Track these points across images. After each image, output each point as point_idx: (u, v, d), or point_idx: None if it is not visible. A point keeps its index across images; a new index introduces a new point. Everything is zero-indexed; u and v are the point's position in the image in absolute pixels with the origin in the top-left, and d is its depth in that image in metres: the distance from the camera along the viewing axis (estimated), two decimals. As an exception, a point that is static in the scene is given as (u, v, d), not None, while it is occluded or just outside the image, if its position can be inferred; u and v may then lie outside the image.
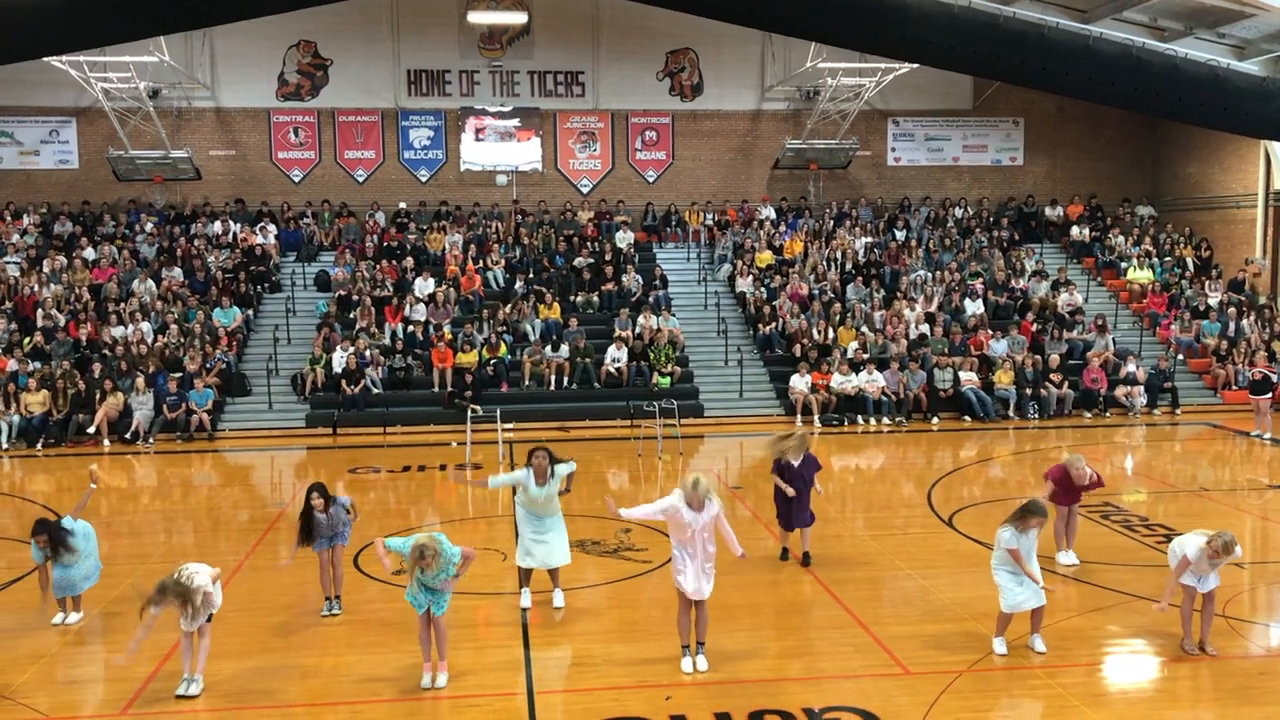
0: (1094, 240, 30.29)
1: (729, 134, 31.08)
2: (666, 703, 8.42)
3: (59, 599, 10.45)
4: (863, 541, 13.35)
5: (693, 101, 30.80)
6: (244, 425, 22.45)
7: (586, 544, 13.00)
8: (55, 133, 28.95)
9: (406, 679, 8.93)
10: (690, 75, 30.69)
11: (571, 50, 30.07)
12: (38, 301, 24.50)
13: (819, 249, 28.65)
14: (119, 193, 28.91)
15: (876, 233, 29.81)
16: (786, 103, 30.85)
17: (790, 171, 30.89)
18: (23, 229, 27.60)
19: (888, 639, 9.76)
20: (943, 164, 31.97)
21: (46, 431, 21.04)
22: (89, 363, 22.53)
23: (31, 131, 28.88)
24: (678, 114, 30.81)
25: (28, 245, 26.97)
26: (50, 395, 21.46)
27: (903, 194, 31.58)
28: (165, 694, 8.68)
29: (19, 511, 15.74)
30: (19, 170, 28.89)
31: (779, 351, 25.02)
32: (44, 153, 29.00)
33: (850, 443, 21.20)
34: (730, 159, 31.16)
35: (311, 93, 29.59)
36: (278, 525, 14.57)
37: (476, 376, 23.05)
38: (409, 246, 27.85)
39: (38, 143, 28.94)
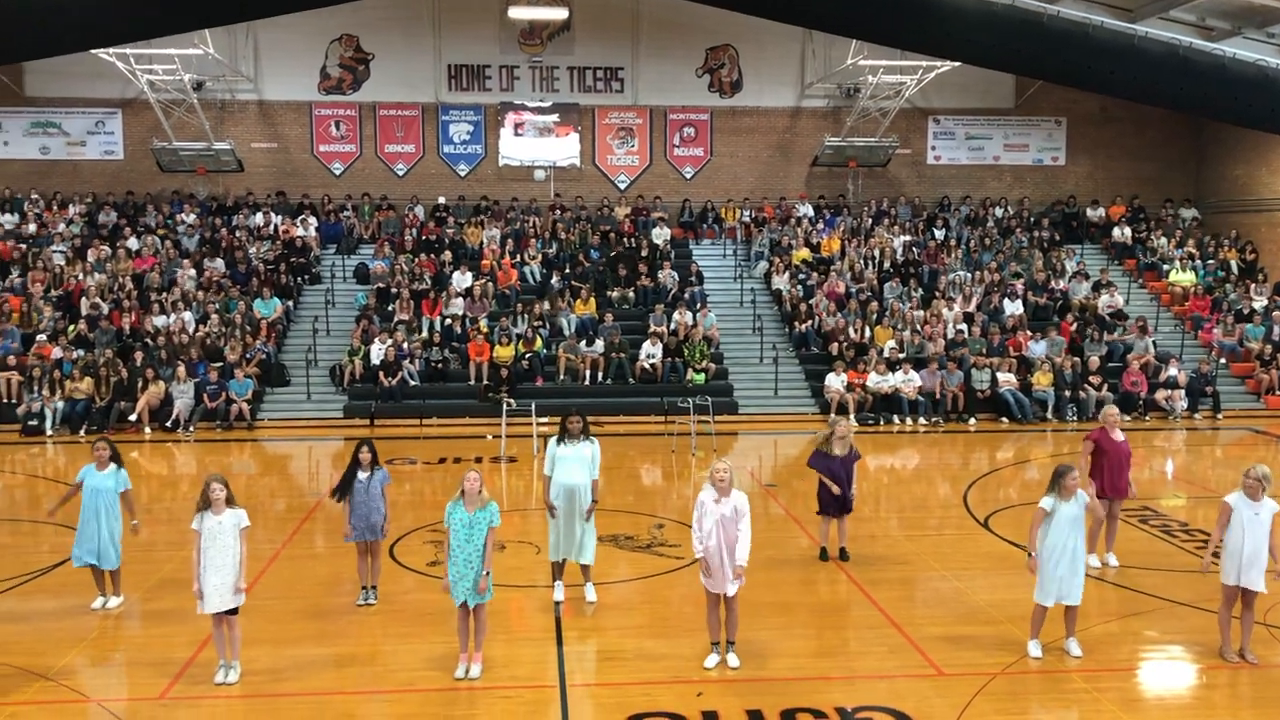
0: (1136, 242, 29.95)
1: (767, 131, 30.99)
2: (698, 699, 8.43)
3: (97, 581, 10.60)
4: (897, 542, 13.29)
5: (732, 98, 30.74)
6: (282, 415, 22.67)
7: (620, 539, 13.03)
8: (101, 124, 29.36)
9: (441, 669, 9.00)
10: (730, 72, 30.63)
11: (611, 46, 30.10)
12: (83, 290, 24.85)
13: (857, 247, 28.51)
14: (162, 184, 29.27)
15: (915, 231, 29.62)
16: (826, 100, 30.72)
17: (829, 169, 30.77)
18: (69, 218, 28.01)
19: (921, 640, 9.71)
20: (983, 163, 31.72)
21: (89, 418, 21.35)
22: (131, 351, 22.83)
23: (78, 123, 29.31)
24: (716, 110, 30.76)
25: (73, 235, 27.37)
26: (94, 382, 21.78)
27: (942, 193, 31.36)
28: (203, 679, 8.80)
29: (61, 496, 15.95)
30: (66, 160, 29.33)
31: (814, 350, 24.94)
32: (90, 144, 29.42)
33: (885, 442, 21.10)
34: (768, 156, 31.07)
35: (353, 86, 29.81)
36: (314, 515, 14.72)
37: (512, 370, 23.15)
38: (447, 240, 28.00)
39: (84, 134, 29.37)
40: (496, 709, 8.35)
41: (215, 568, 8.61)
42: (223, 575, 8.63)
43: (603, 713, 8.31)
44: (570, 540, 10.56)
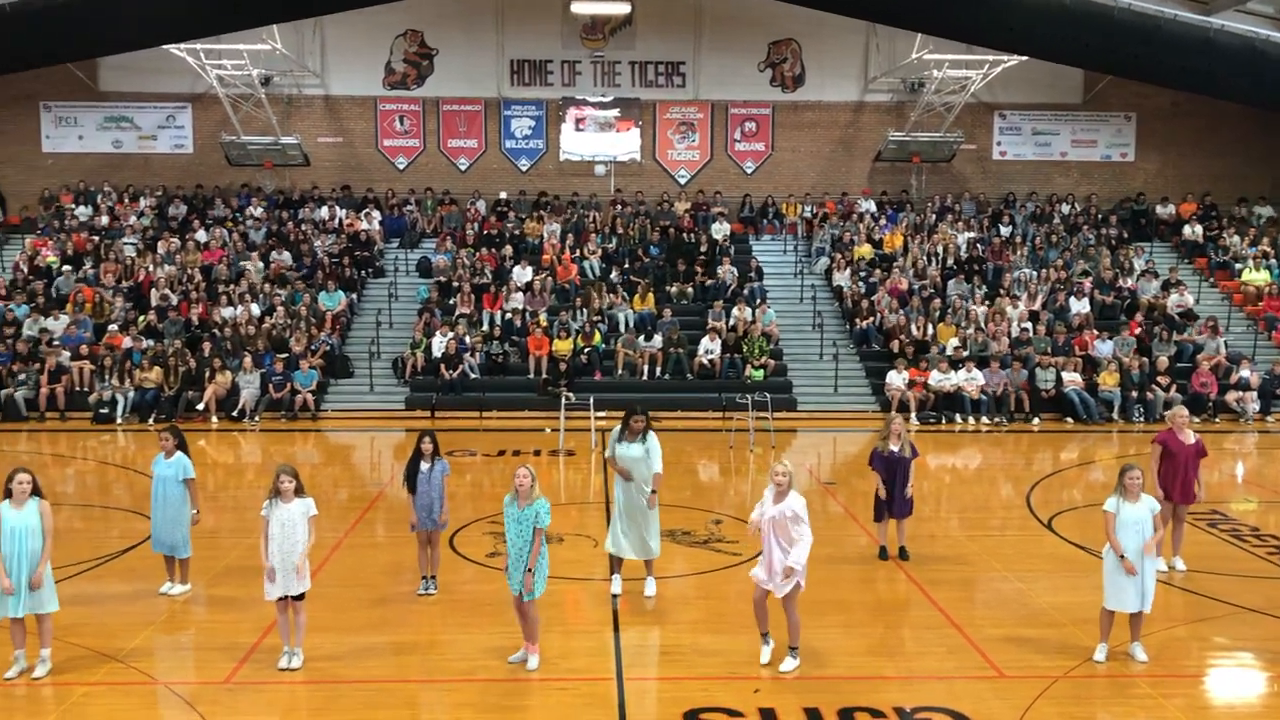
0: (1207, 240, 29.29)
1: (830, 125, 30.75)
2: (755, 695, 8.41)
3: (168, 567, 10.84)
4: (958, 542, 13.14)
5: (794, 92, 30.55)
6: (346, 406, 22.97)
7: (677, 534, 13.02)
8: (172, 118, 29.93)
9: (499, 659, 9.07)
10: (792, 66, 30.45)
11: (673, 41, 30.06)
12: (153, 281, 25.37)
13: (920, 243, 28.21)
14: (230, 177, 29.77)
15: (979, 228, 29.23)
16: (890, 94, 30.42)
17: (892, 164, 30.46)
18: (140, 211, 28.61)
19: (982, 641, 9.60)
20: (1050, 159, 31.20)
21: (158, 407, 21.81)
22: (199, 342, 23.27)
23: (150, 117, 29.90)
24: (778, 105, 30.60)
25: (144, 227, 27.95)
26: (163, 372, 22.23)
27: (1008, 189, 30.91)
28: (266, 664, 8.95)
29: (131, 484, 16.35)
30: (138, 154, 29.95)
31: (876, 347, 24.73)
32: (161, 137, 30.01)
33: (947, 441, 20.87)
34: (830, 151, 30.84)
35: (417, 82, 30.09)
36: (376, 505, 14.90)
37: (571, 364, 23.24)
38: (508, 235, 28.17)
39: (155, 128, 29.96)
40: (553, 700, 8.40)
41: (284, 554, 8.79)
42: (289, 561, 8.80)
43: (659, 707, 8.32)
44: (632, 537, 10.59)
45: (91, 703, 8.32)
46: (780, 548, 8.75)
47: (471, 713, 8.15)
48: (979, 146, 30.93)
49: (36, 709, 8.19)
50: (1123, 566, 8.88)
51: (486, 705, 8.28)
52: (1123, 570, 8.88)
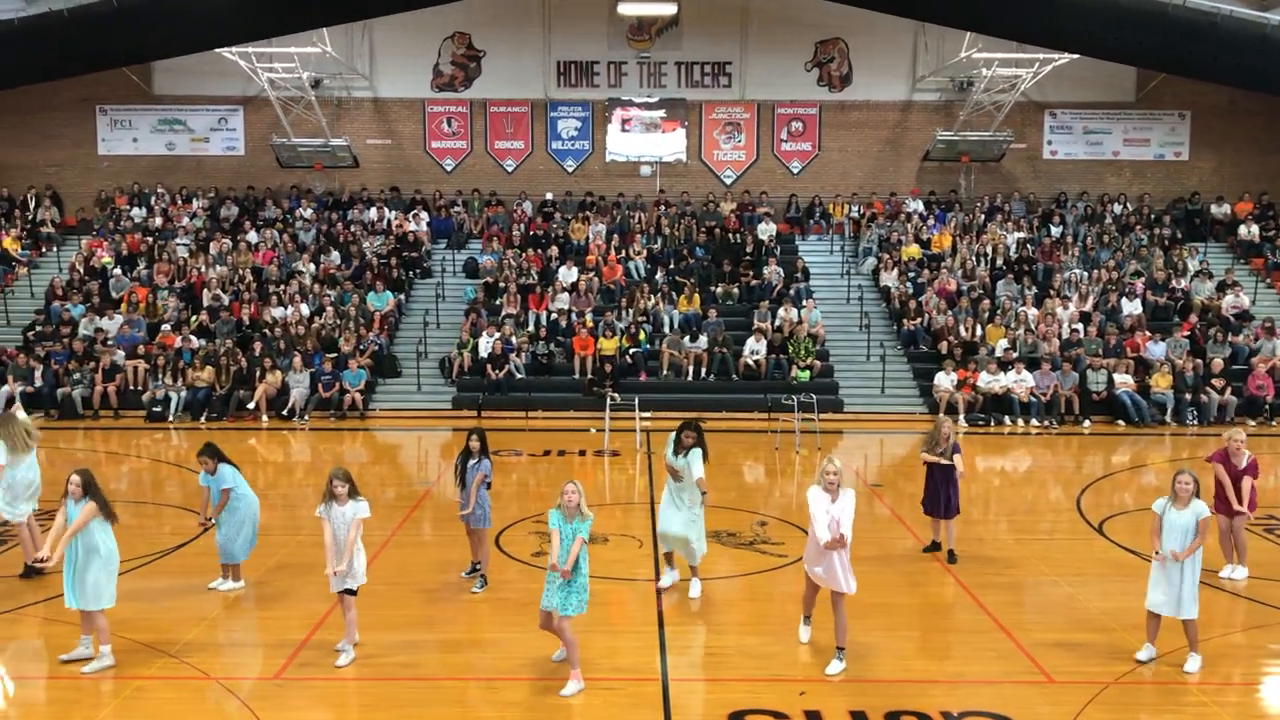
0: (1264, 240, 28.74)
1: (877, 125, 30.55)
2: (800, 698, 8.38)
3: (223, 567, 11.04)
4: (1006, 545, 13.01)
5: (841, 92, 30.39)
6: (394, 405, 23.18)
7: (722, 535, 13.01)
8: (224, 120, 30.35)
9: (546, 658, 9.10)
10: (839, 65, 30.29)
11: (719, 41, 30.01)
12: (205, 282, 25.75)
13: (968, 244, 27.95)
14: (281, 179, 30.14)
15: (1029, 228, 28.90)
16: (938, 94, 30.17)
17: (940, 164, 30.21)
18: (192, 212, 29.05)
19: (1030, 646, 9.49)
20: (1102, 158, 30.78)
21: (210, 405, 22.13)
22: (250, 341, 23.58)
23: (202, 119, 30.34)
24: (825, 105, 30.45)
25: (197, 228, 28.37)
26: (214, 371, 22.56)
27: (1058, 189, 30.54)
28: (316, 660, 9.06)
29: (183, 481, 16.59)
30: (190, 156, 30.40)
31: (923, 348, 24.53)
32: (213, 140, 30.44)
33: (996, 444, 20.66)
34: (878, 150, 30.65)
35: (465, 84, 30.28)
36: (423, 503, 15.02)
37: (616, 365, 23.28)
38: (554, 236, 28.28)
39: (208, 130, 30.40)
40: (598, 700, 8.42)
41: (335, 551, 9.03)
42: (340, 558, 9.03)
43: (705, 709, 8.32)
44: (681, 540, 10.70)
45: (145, 697, 8.46)
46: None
47: (518, 711, 8.20)
48: (1029, 146, 30.58)
49: (93, 702, 8.35)
50: (1155, 560, 8.91)
51: (533, 704, 8.32)
52: (1161, 569, 8.86)
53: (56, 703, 8.40)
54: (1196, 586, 8.91)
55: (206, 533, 12.93)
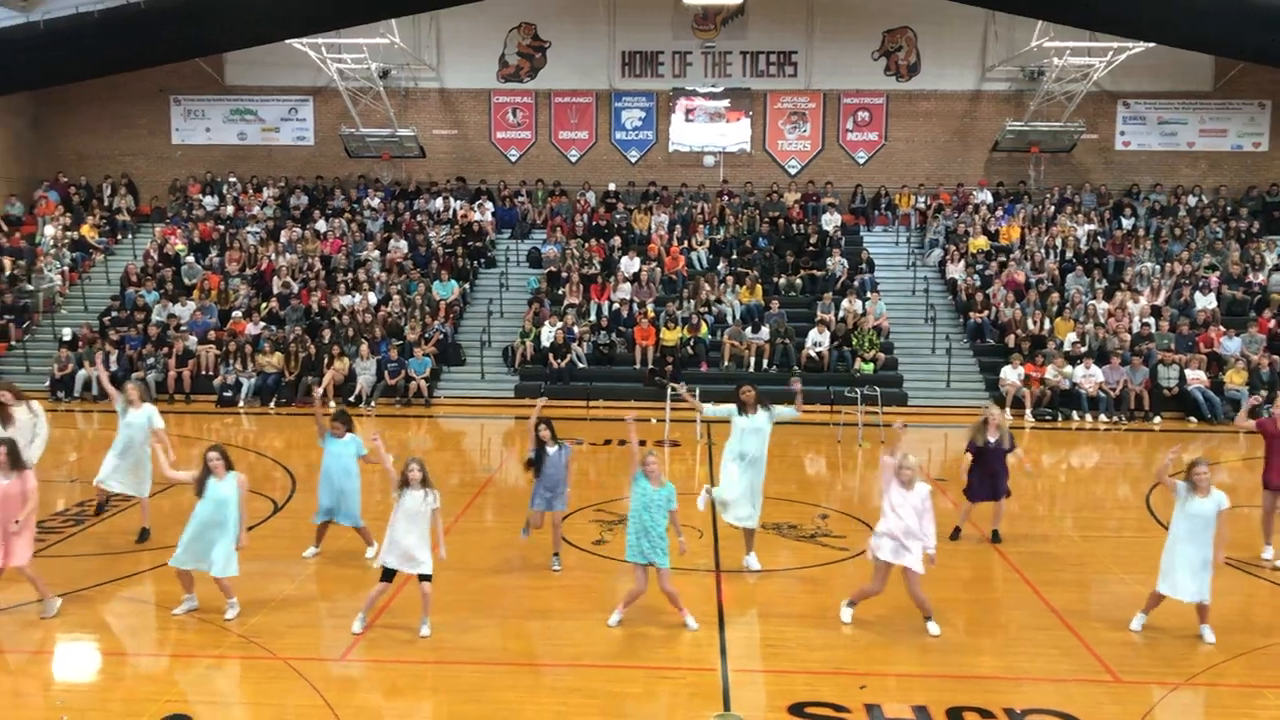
0: (1347, 233, 27.94)
1: (945, 115, 30.16)
2: (861, 691, 8.34)
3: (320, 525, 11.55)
4: (1072, 542, 12.82)
5: (909, 81, 30.04)
6: (457, 393, 23.42)
7: (783, 527, 12.98)
8: (294, 110, 30.83)
9: (606, 645, 9.17)
10: (907, 55, 29.94)
11: (785, 30, 29.81)
12: (275, 270, 26.20)
13: (1037, 236, 27.51)
14: (349, 168, 30.53)
15: (1100, 220, 28.36)
16: (1008, 83, 29.70)
17: (1009, 154, 29.75)
18: (263, 201, 29.55)
19: (1096, 644, 9.35)
20: (1176, 149, 30.08)
21: (279, 391, 22.53)
22: (319, 328, 23.96)
23: (273, 109, 30.85)
24: (892, 94, 30.12)
25: (267, 217, 28.86)
26: (283, 357, 22.96)
27: (1131, 180, 29.92)
28: (380, 642, 9.21)
29: (251, 465, 16.91)
30: (261, 146, 30.93)
31: (990, 341, 24.22)
32: (284, 130, 30.93)
33: (1063, 439, 20.34)
34: (946, 141, 30.26)
35: (530, 74, 30.42)
36: (486, 490, 15.16)
37: (677, 355, 23.28)
38: (617, 226, 28.33)
39: (278, 120, 30.89)
40: (658, 688, 8.46)
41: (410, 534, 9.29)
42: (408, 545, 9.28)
43: (764, 699, 8.31)
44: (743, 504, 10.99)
45: (215, 675, 8.67)
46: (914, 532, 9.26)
47: (579, 697, 8.26)
48: (1101, 136, 29.99)
49: (165, 677, 8.57)
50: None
51: (593, 690, 8.38)
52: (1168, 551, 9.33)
53: (128, 678, 8.63)
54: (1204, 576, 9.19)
55: (276, 514, 13.22)
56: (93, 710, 8.02)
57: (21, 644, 9.26)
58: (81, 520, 13.07)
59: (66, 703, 8.14)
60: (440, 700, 8.28)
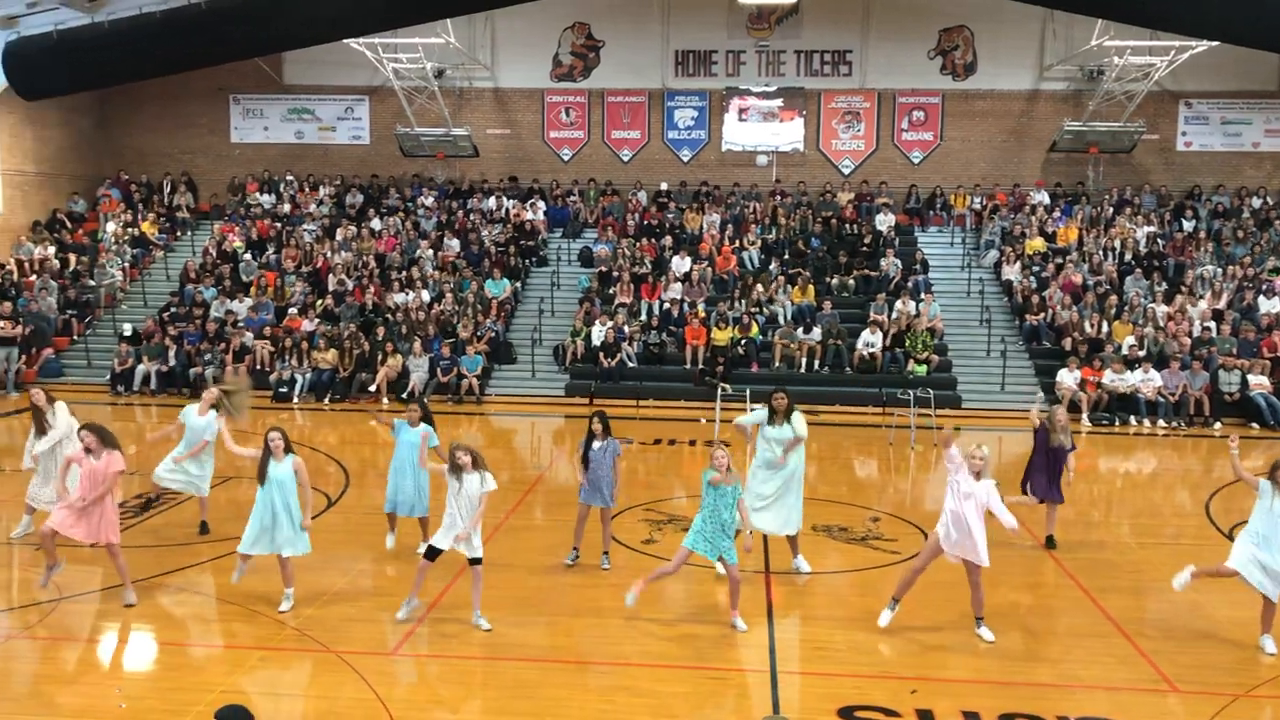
0: None
1: (1002, 115, 29.80)
2: (912, 696, 8.27)
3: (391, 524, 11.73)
4: (1129, 549, 12.62)
5: (965, 81, 29.71)
6: (508, 391, 23.54)
7: (833, 530, 12.90)
8: (350, 110, 31.16)
9: (654, 643, 9.16)
10: (964, 54, 29.62)
11: (840, 29, 29.61)
12: (330, 267, 26.50)
13: (1095, 237, 27.09)
14: (404, 167, 30.80)
15: (1160, 222, 27.86)
16: (1066, 83, 29.27)
17: (1067, 155, 29.31)
18: (319, 199, 29.90)
19: (1153, 652, 9.19)
20: (1240, 149, 29.47)
21: (333, 387, 22.79)
22: (373, 326, 24.20)
23: (330, 109, 31.20)
24: (948, 93, 29.81)
25: (323, 215, 29.20)
26: (338, 354, 23.22)
27: (1192, 181, 29.35)
28: (430, 637, 9.29)
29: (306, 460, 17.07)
30: (318, 145, 31.30)
31: (1046, 344, 23.89)
32: (340, 129, 31.28)
33: (1120, 444, 20.02)
34: (1002, 141, 29.89)
35: (583, 74, 30.49)
36: (536, 488, 15.22)
37: (728, 355, 23.23)
38: (668, 225, 28.31)
39: (335, 119, 31.25)
40: (705, 689, 8.45)
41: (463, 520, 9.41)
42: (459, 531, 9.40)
43: (813, 702, 8.26)
44: (778, 513, 10.91)
45: (267, 666, 8.79)
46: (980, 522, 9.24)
47: (626, 696, 8.27)
48: (1162, 137, 29.46)
49: (218, 668, 8.70)
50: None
51: (640, 689, 8.38)
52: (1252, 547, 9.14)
53: (183, 668, 8.77)
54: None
55: (330, 509, 13.37)
56: (149, 697, 8.18)
57: (82, 631, 9.45)
58: (140, 512, 13.32)
59: (124, 690, 8.30)
60: (488, 696, 8.33)
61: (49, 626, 9.53)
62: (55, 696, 8.24)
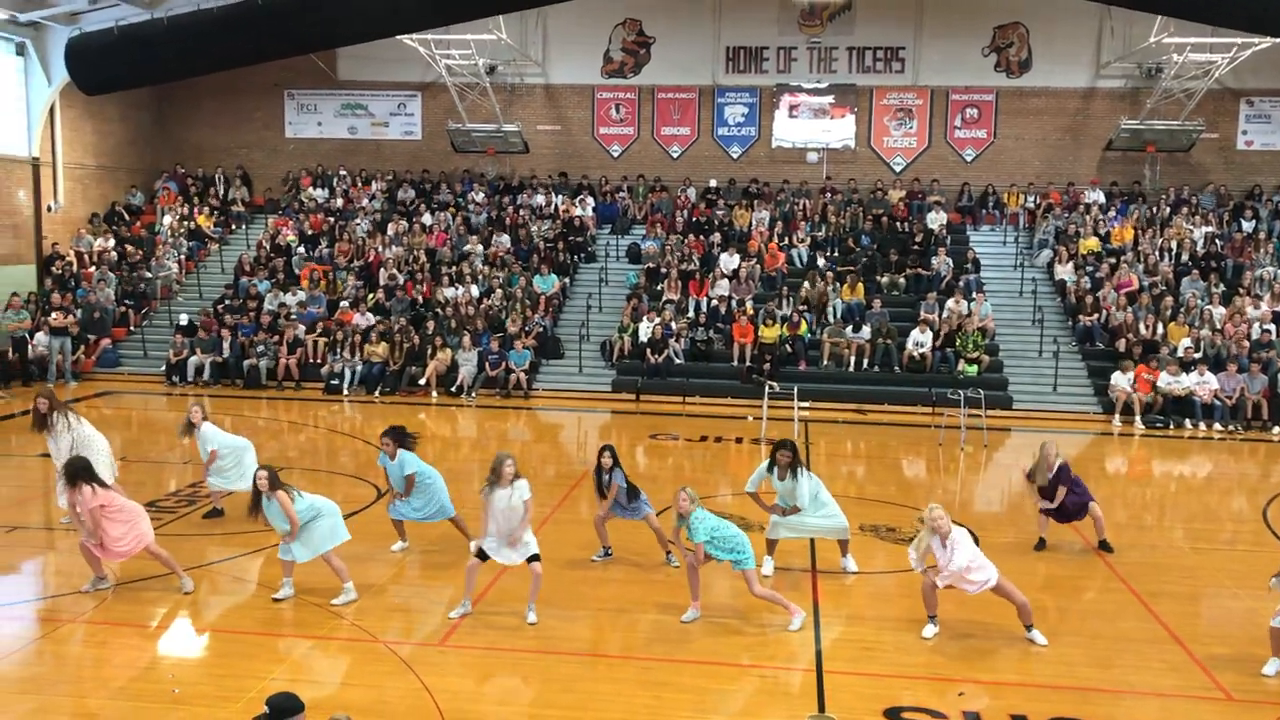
0: None
1: (1057, 112, 29.40)
2: (959, 698, 8.20)
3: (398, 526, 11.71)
4: (1182, 554, 12.42)
5: (1019, 78, 29.36)
6: (556, 386, 23.62)
7: (881, 530, 12.83)
8: (403, 106, 31.41)
9: (699, 640, 9.16)
10: (1019, 51, 29.26)
11: (893, 25, 29.38)
12: (381, 262, 26.75)
13: (1151, 237, 26.67)
14: (455, 163, 31.00)
15: (1219, 222, 27.36)
16: (1124, 80, 28.81)
17: (1124, 153, 28.88)
18: (372, 194, 30.19)
19: (1207, 660, 9.04)
20: (1303, 148, 28.86)
21: (383, 380, 23.01)
22: (423, 320, 24.40)
23: (383, 104, 31.47)
24: (1002, 91, 29.48)
25: (375, 210, 29.47)
26: (389, 347, 23.44)
27: (1252, 181, 28.77)
28: (478, 629, 9.36)
29: (356, 452, 17.33)
30: (370, 140, 31.59)
31: (1100, 345, 23.56)
32: (392, 124, 31.54)
33: (1174, 448, 19.69)
34: (1057, 139, 29.50)
35: (634, 70, 30.51)
36: (583, 483, 15.27)
37: (775, 353, 23.15)
38: (717, 222, 28.26)
39: (387, 115, 31.51)
40: (751, 687, 8.44)
41: (508, 532, 9.52)
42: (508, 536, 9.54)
43: (860, 703, 8.22)
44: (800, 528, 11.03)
45: (316, 656, 8.91)
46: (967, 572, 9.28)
47: (671, 692, 8.28)
48: (1221, 135, 28.92)
49: (269, 657, 8.83)
50: None
51: (685, 685, 8.39)
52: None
53: (233, 656, 8.90)
54: None
55: (380, 500, 13.49)
56: (202, 683, 8.32)
57: (135, 617, 9.63)
58: (195, 500, 13.54)
59: (177, 676, 8.45)
60: (534, 689, 8.37)
61: (105, 612, 9.72)
62: (111, 680, 8.40)
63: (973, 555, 9.24)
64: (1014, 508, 14.56)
